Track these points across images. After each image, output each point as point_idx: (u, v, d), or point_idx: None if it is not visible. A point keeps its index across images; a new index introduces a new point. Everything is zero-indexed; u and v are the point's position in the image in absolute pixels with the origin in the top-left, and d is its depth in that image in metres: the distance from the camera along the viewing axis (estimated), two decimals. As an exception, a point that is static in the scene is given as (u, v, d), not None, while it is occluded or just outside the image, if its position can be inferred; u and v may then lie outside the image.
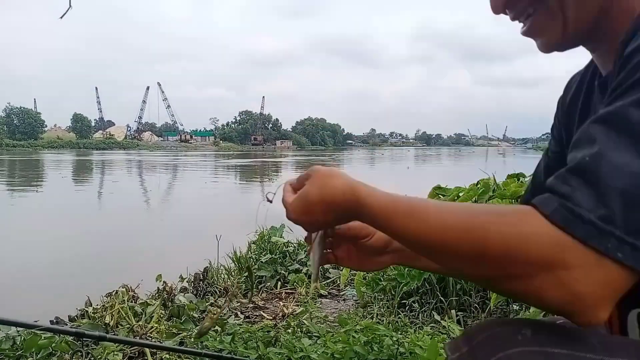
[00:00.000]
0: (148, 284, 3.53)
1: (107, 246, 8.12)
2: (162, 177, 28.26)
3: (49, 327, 2.02)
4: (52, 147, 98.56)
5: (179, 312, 3.15)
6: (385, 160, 62.16)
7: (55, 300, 4.43)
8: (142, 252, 7.69)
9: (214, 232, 4.75)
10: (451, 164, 47.25)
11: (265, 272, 4.24)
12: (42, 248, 7.78)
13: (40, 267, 6.50)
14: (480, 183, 4.34)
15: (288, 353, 2.20)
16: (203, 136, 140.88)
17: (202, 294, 3.80)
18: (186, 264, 4.29)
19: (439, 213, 0.61)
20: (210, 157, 63.35)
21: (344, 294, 3.93)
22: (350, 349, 2.12)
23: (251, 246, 4.80)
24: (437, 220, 0.60)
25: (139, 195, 17.51)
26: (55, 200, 15.54)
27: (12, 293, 5.19)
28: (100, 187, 21.52)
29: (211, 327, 1.08)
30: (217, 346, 2.34)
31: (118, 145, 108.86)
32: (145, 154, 75.58)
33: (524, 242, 0.54)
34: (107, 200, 16.46)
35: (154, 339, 2.77)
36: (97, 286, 3.70)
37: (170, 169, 34.99)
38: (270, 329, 2.70)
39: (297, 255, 4.50)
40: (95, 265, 6.57)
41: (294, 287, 3.95)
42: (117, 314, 2.95)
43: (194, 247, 6.76)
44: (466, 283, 3.14)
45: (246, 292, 4.03)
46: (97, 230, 9.85)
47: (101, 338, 1.87)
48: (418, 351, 2.13)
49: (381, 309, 3.25)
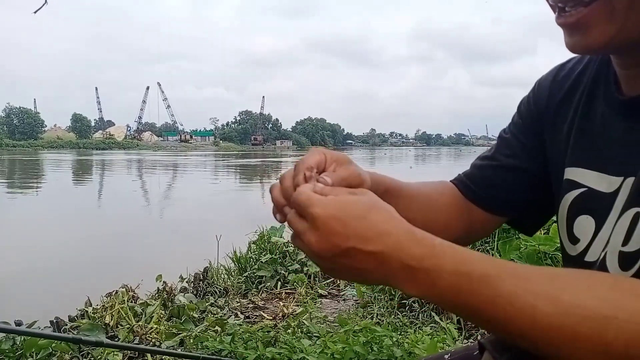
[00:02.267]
0: (148, 284, 3.53)
1: (107, 246, 8.12)
2: (166, 176, 28.26)
3: (46, 333, 2.02)
4: (52, 147, 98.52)
5: (179, 312, 3.15)
6: (386, 160, 62.17)
7: (56, 300, 4.43)
8: (142, 252, 7.70)
9: (214, 232, 4.75)
10: (453, 164, 47.22)
11: (265, 272, 4.24)
12: (42, 248, 7.78)
13: (40, 267, 6.49)
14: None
15: (288, 353, 2.21)
16: (203, 136, 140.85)
17: (202, 294, 3.80)
18: (186, 264, 4.29)
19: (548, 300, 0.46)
20: (210, 156, 63.36)
21: (344, 294, 3.93)
22: (350, 349, 2.12)
23: (251, 246, 4.80)
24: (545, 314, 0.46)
25: (139, 195, 17.51)
26: (55, 200, 15.54)
27: (12, 293, 5.20)
28: (101, 187, 21.53)
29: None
30: (217, 346, 2.34)
31: (118, 145, 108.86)
32: (149, 153, 75.57)
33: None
34: (108, 200, 16.46)
35: (153, 339, 2.77)
36: (97, 286, 3.70)
37: (177, 168, 35.00)
38: (270, 329, 2.70)
39: (297, 255, 4.50)
40: (95, 265, 6.57)
41: (294, 287, 3.95)
42: (117, 314, 2.95)
43: (194, 247, 6.76)
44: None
45: (246, 292, 4.03)
46: (97, 230, 9.85)
47: (98, 344, 1.85)
48: (417, 351, 2.13)
49: (381, 309, 3.25)
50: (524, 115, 0.84)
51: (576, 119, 0.74)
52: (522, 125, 0.84)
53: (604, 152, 0.67)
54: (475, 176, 0.88)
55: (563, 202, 0.73)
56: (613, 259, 0.61)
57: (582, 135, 0.71)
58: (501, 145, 0.86)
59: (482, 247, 3.47)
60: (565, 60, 0.81)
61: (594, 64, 0.74)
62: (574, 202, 0.71)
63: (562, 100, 0.78)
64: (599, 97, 0.71)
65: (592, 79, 0.74)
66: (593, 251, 0.67)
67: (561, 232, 0.75)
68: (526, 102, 0.85)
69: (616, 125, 0.66)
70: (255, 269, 4.31)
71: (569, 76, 0.78)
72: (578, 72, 0.76)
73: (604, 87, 0.70)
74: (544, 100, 0.81)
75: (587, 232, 0.68)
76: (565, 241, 0.73)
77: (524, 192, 0.83)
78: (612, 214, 0.63)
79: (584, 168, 0.70)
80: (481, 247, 3.48)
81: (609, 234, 0.63)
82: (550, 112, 0.79)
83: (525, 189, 0.83)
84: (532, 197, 0.83)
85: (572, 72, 0.78)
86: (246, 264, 4.54)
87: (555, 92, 0.79)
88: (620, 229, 0.60)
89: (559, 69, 0.81)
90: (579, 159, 0.71)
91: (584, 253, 0.68)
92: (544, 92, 0.81)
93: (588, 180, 0.69)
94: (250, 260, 4.55)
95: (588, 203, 0.68)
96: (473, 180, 0.87)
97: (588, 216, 0.68)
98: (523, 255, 3.04)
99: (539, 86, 0.83)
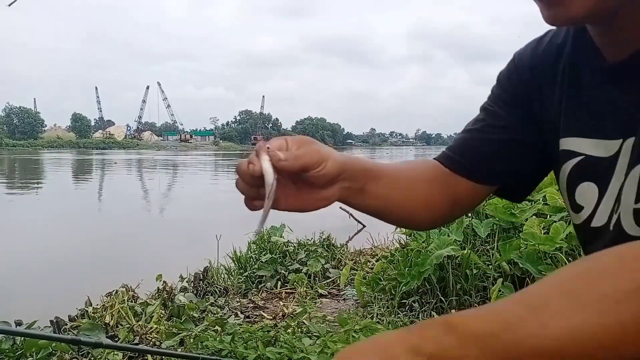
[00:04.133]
0: (148, 283, 3.53)
1: (107, 246, 8.11)
2: (166, 176, 28.27)
3: (45, 334, 2.02)
4: (52, 146, 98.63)
5: (179, 312, 3.15)
6: (387, 160, 62.11)
7: (56, 300, 4.43)
8: (142, 251, 7.70)
9: (214, 232, 4.76)
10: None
11: (265, 271, 4.24)
12: (42, 248, 7.78)
13: (40, 267, 6.50)
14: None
15: (288, 353, 2.21)
16: (203, 136, 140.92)
17: (202, 294, 3.80)
18: (186, 264, 4.29)
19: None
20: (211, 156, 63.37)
21: (344, 293, 3.93)
22: (350, 349, 2.12)
23: (251, 246, 4.80)
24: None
25: (139, 195, 17.52)
26: (55, 200, 15.54)
27: (12, 293, 5.20)
28: (101, 187, 21.53)
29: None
30: (217, 346, 2.34)
31: (118, 144, 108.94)
32: (151, 153, 75.57)
33: None
34: (108, 200, 16.46)
35: (154, 338, 2.77)
36: (97, 286, 3.70)
37: (177, 168, 35.02)
38: (270, 328, 2.70)
39: (297, 255, 4.51)
40: (95, 265, 6.57)
41: (293, 287, 3.95)
42: (117, 314, 2.96)
43: (194, 246, 6.76)
44: (466, 283, 3.14)
45: (246, 292, 4.03)
46: (97, 229, 9.85)
47: (97, 345, 1.85)
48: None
49: (381, 308, 3.26)
50: (505, 86, 0.84)
51: (564, 89, 0.74)
52: (506, 97, 0.83)
53: (597, 119, 0.68)
54: (461, 147, 0.86)
55: (562, 173, 0.74)
56: (628, 218, 0.61)
57: (572, 105, 0.72)
58: (486, 116, 0.85)
59: (482, 247, 3.47)
60: (540, 35, 0.81)
61: (571, 35, 0.74)
62: (573, 171, 0.72)
63: (545, 72, 0.78)
64: (583, 67, 0.71)
65: (572, 49, 0.74)
66: (599, 216, 0.68)
67: (565, 202, 0.76)
68: (507, 75, 0.84)
69: (606, 91, 0.67)
70: (255, 269, 4.32)
71: (549, 49, 0.78)
72: (558, 44, 0.76)
73: (586, 56, 0.71)
74: (526, 73, 0.80)
75: (590, 199, 0.69)
76: (570, 211, 0.74)
77: (512, 161, 0.83)
78: (616, 177, 0.64)
79: (579, 137, 0.71)
80: (481, 247, 3.48)
81: (615, 196, 0.64)
82: (535, 84, 0.79)
83: (513, 158, 0.82)
84: (521, 166, 0.83)
85: (551, 45, 0.78)
86: (246, 263, 4.54)
87: (536, 64, 0.79)
88: (629, 188, 0.61)
89: (537, 42, 0.80)
90: (572, 128, 0.72)
91: (590, 219, 0.69)
92: (524, 64, 0.81)
93: (584, 148, 0.70)
94: (250, 259, 4.55)
95: (587, 170, 0.69)
96: (458, 152, 0.86)
97: (589, 183, 0.69)
98: (523, 255, 3.04)
99: (519, 59, 0.82)
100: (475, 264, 3.15)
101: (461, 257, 3.18)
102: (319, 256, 4.51)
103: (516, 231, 3.40)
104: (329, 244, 5.01)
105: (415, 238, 3.72)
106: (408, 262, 3.36)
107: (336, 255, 4.84)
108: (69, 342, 1.96)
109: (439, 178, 0.85)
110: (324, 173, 0.68)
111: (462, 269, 3.16)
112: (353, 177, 0.74)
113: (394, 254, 3.94)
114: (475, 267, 3.15)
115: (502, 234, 3.42)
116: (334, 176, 0.70)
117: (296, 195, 0.71)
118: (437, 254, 3.08)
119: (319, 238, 5.08)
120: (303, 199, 0.71)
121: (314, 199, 0.72)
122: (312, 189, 0.71)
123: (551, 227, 3.14)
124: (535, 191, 3.99)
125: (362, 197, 0.77)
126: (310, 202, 0.72)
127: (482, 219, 3.63)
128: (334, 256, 4.81)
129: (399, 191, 0.81)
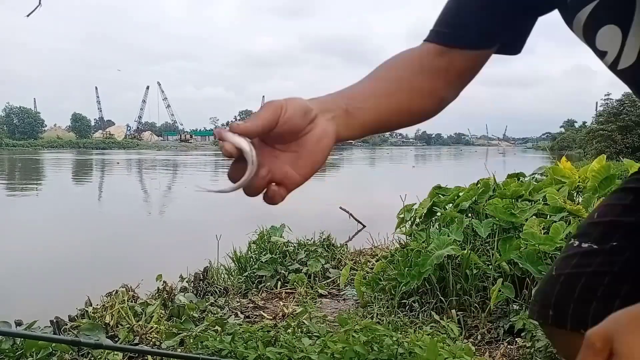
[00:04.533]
0: (148, 283, 3.53)
1: (107, 246, 8.12)
2: (166, 176, 28.26)
3: (45, 335, 2.02)
4: (52, 146, 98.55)
5: (179, 312, 3.15)
6: (388, 159, 62.11)
7: (56, 300, 4.43)
8: (142, 251, 7.69)
9: (214, 232, 4.75)
10: (455, 163, 47.22)
11: (265, 271, 4.24)
12: (42, 248, 7.78)
13: (40, 267, 6.50)
14: (480, 183, 4.35)
15: (288, 353, 2.21)
16: (203, 136, 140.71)
17: (202, 294, 3.80)
18: (186, 264, 4.28)
19: None
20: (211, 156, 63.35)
21: (344, 293, 3.93)
22: (350, 349, 2.12)
23: (251, 246, 4.80)
24: None
25: (139, 195, 17.51)
26: (56, 200, 15.54)
27: (12, 292, 5.19)
28: (101, 186, 21.53)
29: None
30: (217, 346, 2.34)
31: (118, 144, 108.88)
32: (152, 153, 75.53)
33: None
34: (108, 200, 16.46)
35: (154, 339, 2.78)
36: (97, 286, 3.70)
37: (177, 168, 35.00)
38: (270, 328, 2.69)
39: (297, 255, 4.50)
40: (95, 265, 6.57)
41: (294, 287, 3.95)
42: (117, 314, 2.95)
43: (194, 246, 6.76)
44: (466, 283, 3.14)
45: (246, 292, 4.03)
46: (97, 229, 9.85)
47: (97, 346, 1.85)
48: (418, 351, 2.13)
49: (381, 308, 3.26)
50: None
51: None
52: None
53: None
54: (450, 18, 0.83)
55: (576, 22, 0.70)
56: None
57: None
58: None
59: (482, 247, 3.47)
60: None
61: None
62: (590, 16, 0.68)
63: None
64: None
65: None
66: (626, 57, 0.65)
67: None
68: None
69: None
70: (255, 269, 4.32)
71: None
72: None
73: None
74: None
75: (614, 41, 0.66)
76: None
77: (510, 19, 0.80)
78: (638, 13, 0.61)
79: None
80: (481, 247, 3.48)
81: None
82: None
83: (508, 17, 0.80)
84: (513, 20, 0.80)
85: None
86: (246, 263, 4.54)
87: None
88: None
89: None
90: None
91: (616, 62, 0.67)
92: None
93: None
94: (250, 259, 4.55)
95: (606, 12, 0.66)
96: (448, 25, 0.82)
97: (610, 25, 0.66)
98: (523, 255, 3.04)
99: None
100: (475, 264, 3.15)
101: (461, 257, 3.18)
102: (319, 256, 4.51)
103: (516, 231, 3.40)
104: (329, 244, 5.01)
105: (415, 238, 3.72)
106: (408, 262, 3.36)
107: (336, 255, 4.84)
108: (69, 344, 1.96)
109: (427, 65, 0.81)
110: (289, 115, 0.67)
111: (462, 269, 3.16)
112: (328, 106, 0.72)
113: (394, 254, 3.94)
114: (475, 267, 3.15)
115: (502, 234, 3.42)
116: (301, 114, 0.68)
117: (299, 158, 0.70)
118: (437, 254, 3.08)
119: (319, 238, 5.07)
120: (306, 155, 0.70)
121: (314, 146, 0.70)
122: (305, 141, 0.69)
123: (551, 227, 3.13)
124: (535, 191, 4.00)
125: (353, 119, 0.75)
126: (314, 151, 0.70)
127: (482, 219, 3.64)
128: (334, 256, 4.81)
129: (387, 97, 0.79)
